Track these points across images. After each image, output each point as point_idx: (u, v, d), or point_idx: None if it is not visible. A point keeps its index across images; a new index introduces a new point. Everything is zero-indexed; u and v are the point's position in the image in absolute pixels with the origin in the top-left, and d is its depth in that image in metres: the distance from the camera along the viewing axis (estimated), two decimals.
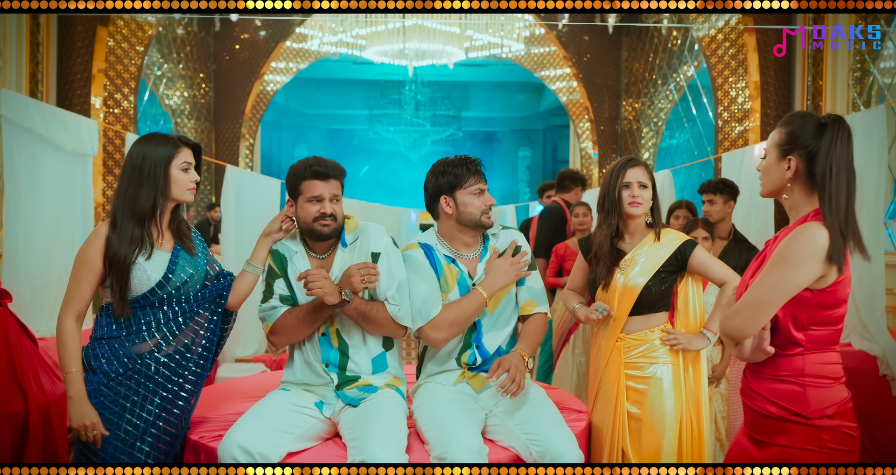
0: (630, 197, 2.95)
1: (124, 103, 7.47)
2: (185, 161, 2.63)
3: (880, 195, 4.38)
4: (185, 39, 9.68)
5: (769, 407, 2.11)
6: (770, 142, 2.21)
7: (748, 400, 2.18)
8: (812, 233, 2.01)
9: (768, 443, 2.12)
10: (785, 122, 2.20)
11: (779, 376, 2.11)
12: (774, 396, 2.10)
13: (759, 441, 2.15)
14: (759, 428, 2.15)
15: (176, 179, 2.61)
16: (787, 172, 2.14)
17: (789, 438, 2.09)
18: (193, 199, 2.70)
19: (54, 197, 4.52)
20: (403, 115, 16.09)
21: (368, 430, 2.47)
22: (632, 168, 2.97)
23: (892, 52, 6.01)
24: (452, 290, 2.88)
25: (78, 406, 2.50)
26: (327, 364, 2.79)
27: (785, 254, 2.02)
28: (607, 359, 2.95)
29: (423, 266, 2.87)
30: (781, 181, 2.16)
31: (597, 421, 2.96)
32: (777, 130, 2.20)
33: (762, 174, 2.23)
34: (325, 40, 10.26)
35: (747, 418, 2.21)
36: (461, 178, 2.85)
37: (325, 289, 2.60)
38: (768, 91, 6.99)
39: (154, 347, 2.60)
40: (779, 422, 2.10)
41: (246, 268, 2.80)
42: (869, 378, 4.33)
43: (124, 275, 2.54)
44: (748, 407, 2.19)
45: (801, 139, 2.13)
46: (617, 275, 2.94)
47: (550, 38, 10.44)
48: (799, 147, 2.13)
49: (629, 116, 10.54)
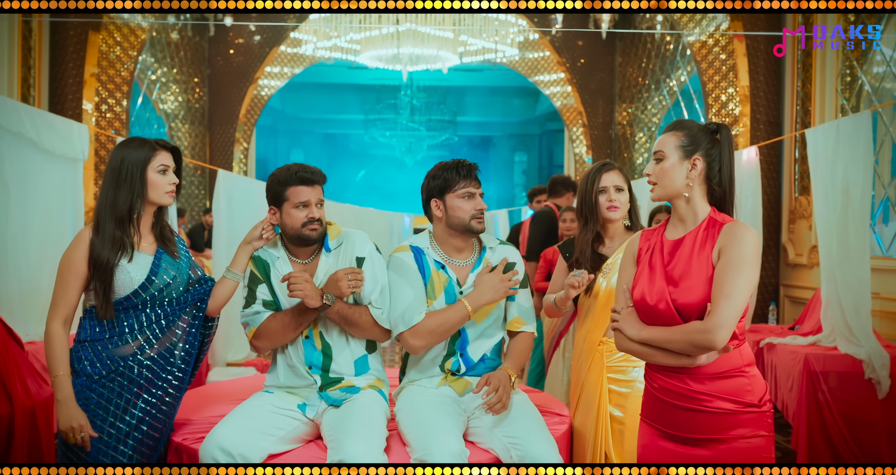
0: (607, 201, 2.97)
1: (117, 108, 7.49)
2: (162, 164, 2.66)
3: (866, 199, 4.41)
4: (179, 44, 9.70)
5: (723, 404, 2.12)
6: (668, 145, 2.23)
7: (691, 403, 2.15)
8: (752, 234, 2.12)
9: (717, 439, 2.14)
10: (676, 127, 2.26)
11: (724, 373, 2.13)
12: (726, 393, 2.13)
13: (703, 439, 2.15)
14: (707, 427, 2.15)
15: (153, 182, 2.64)
16: (691, 172, 2.20)
17: (744, 429, 2.13)
18: (173, 201, 2.72)
19: (44, 201, 4.54)
20: (399, 119, 16.10)
21: (347, 430, 2.50)
22: (606, 172, 3.00)
23: (881, 59, 6.04)
24: (438, 297, 2.86)
25: (66, 408, 2.52)
26: (310, 366, 2.81)
27: (743, 256, 2.08)
28: (589, 362, 2.97)
29: (411, 270, 2.86)
30: (683, 182, 2.22)
31: (579, 424, 2.98)
32: (672, 134, 2.25)
33: (660, 177, 2.24)
34: (319, 45, 10.30)
35: (685, 421, 2.18)
36: (451, 182, 2.83)
37: (306, 292, 2.63)
38: (758, 96, 7.02)
39: (137, 350, 2.62)
40: (733, 417, 2.12)
41: (226, 275, 2.82)
42: (855, 381, 4.35)
43: (108, 278, 2.58)
44: (689, 409, 2.16)
45: (701, 141, 2.22)
46: (599, 279, 2.97)
47: (544, 42, 10.47)
48: (700, 148, 2.21)
49: (623, 121, 10.57)
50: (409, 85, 15.22)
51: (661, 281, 2.20)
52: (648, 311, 2.21)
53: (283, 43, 10.37)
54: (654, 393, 2.26)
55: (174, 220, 5.69)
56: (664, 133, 2.27)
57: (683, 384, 2.16)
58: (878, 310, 5.03)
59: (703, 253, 2.16)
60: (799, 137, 6.57)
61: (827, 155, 4.65)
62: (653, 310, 2.19)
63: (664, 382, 2.20)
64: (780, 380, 4.77)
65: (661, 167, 2.23)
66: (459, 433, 2.59)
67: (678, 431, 2.19)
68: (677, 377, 2.17)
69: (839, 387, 4.42)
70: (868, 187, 4.42)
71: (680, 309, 2.14)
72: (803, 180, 6.51)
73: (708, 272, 2.13)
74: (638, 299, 2.24)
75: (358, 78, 16.01)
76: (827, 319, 4.78)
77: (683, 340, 2.09)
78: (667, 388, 2.19)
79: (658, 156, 2.24)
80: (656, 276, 2.22)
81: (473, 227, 2.85)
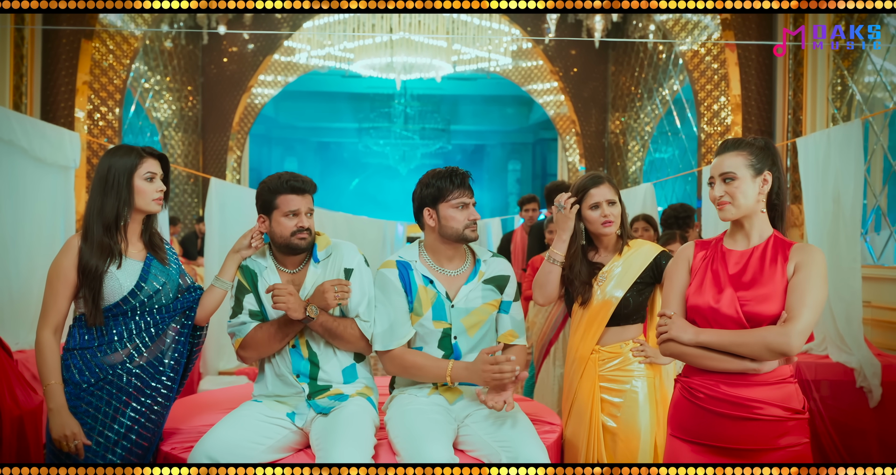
0: (602, 217, 2.91)
1: (109, 116, 7.48)
2: (148, 171, 2.66)
3: (857, 208, 4.42)
4: (172, 52, 9.71)
5: (775, 411, 2.17)
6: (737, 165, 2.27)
7: (743, 411, 2.17)
8: (823, 255, 2.20)
9: (767, 449, 2.17)
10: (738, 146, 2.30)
11: (775, 380, 2.19)
12: (777, 400, 2.17)
13: (752, 451, 2.18)
14: (758, 436, 2.17)
15: (140, 190, 2.64)
16: (763, 188, 2.26)
17: (791, 437, 2.18)
18: (161, 209, 2.72)
19: (35, 209, 4.52)
20: (393, 128, 16.10)
21: (334, 437, 2.49)
22: (596, 187, 2.93)
23: (872, 68, 6.08)
24: (426, 313, 2.81)
25: (58, 417, 2.51)
26: (298, 374, 2.80)
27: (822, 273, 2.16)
28: (582, 371, 2.95)
29: (393, 288, 2.81)
30: (755, 199, 2.27)
31: (570, 434, 2.97)
32: (737, 153, 2.28)
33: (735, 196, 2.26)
34: (312, 54, 10.32)
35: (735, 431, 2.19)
36: (444, 191, 2.79)
37: (288, 304, 2.63)
38: (750, 105, 7.05)
39: (126, 358, 2.61)
40: (782, 424, 2.17)
41: (214, 283, 2.81)
42: (846, 390, 4.35)
43: (97, 284, 2.57)
44: (740, 418, 2.18)
45: (766, 158, 2.28)
46: (595, 288, 2.94)
47: (537, 51, 10.50)
48: (766, 165, 2.27)
49: (616, 130, 10.60)
50: (402, 93, 15.24)
51: (728, 287, 2.24)
52: (711, 315, 2.23)
53: (277, 51, 10.39)
54: (696, 404, 2.25)
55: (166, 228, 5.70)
56: (725, 154, 2.30)
57: (736, 391, 2.18)
58: (869, 319, 5.03)
59: (775, 266, 2.22)
60: (791, 146, 6.59)
61: (818, 164, 4.66)
62: (715, 314, 2.22)
63: (713, 391, 2.21)
64: None
65: (734, 187, 2.26)
66: (449, 442, 2.58)
67: (722, 442, 2.20)
68: (729, 385, 2.19)
69: (831, 396, 4.42)
70: (859, 196, 4.43)
71: (748, 315, 2.18)
72: (795, 189, 6.53)
73: (783, 284, 2.18)
74: (701, 304, 2.26)
75: (352, 86, 16.03)
76: (818, 328, 4.78)
77: (758, 343, 2.12)
78: (716, 397, 2.21)
79: (729, 176, 2.27)
80: (722, 282, 2.25)
81: (467, 236, 2.81)
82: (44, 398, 2.59)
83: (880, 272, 5.48)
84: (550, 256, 3.00)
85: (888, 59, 5.95)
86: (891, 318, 5.14)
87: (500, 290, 2.92)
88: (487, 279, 2.89)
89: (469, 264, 2.92)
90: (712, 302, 2.23)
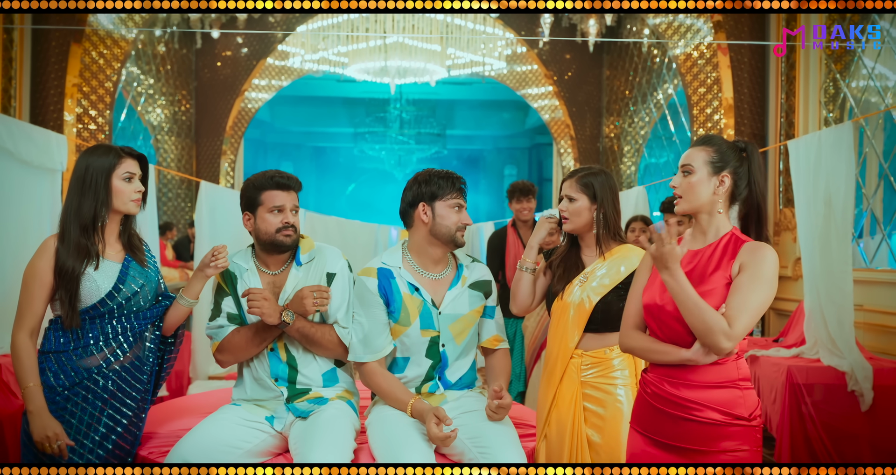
0: (561, 211, 2.90)
1: (99, 119, 7.45)
2: (127, 171, 2.62)
3: (848, 211, 4.40)
4: (165, 56, 9.68)
5: (713, 414, 2.13)
6: (697, 159, 2.25)
7: (681, 411, 2.17)
8: (773, 254, 2.15)
9: (703, 451, 2.15)
10: (706, 142, 2.28)
11: (718, 383, 2.15)
12: (716, 403, 2.14)
13: (690, 450, 2.16)
14: (695, 437, 2.16)
15: (118, 190, 2.61)
16: (719, 188, 2.24)
17: (732, 442, 2.14)
18: (139, 210, 2.68)
19: (21, 212, 4.49)
20: (388, 132, 16.08)
21: (312, 441, 2.45)
22: (565, 180, 2.92)
23: (865, 72, 6.06)
24: (413, 323, 2.75)
25: (39, 419, 2.48)
26: (276, 378, 2.76)
27: (764, 274, 2.11)
28: (562, 374, 2.82)
29: (371, 298, 2.75)
30: (709, 197, 2.24)
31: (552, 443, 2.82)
32: (702, 148, 2.27)
33: (686, 191, 2.26)
34: (307, 58, 10.29)
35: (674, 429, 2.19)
36: (444, 190, 2.77)
37: (263, 309, 2.59)
38: (742, 108, 7.03)
39: (103, 362, 2.58)
40: (721, 428, 2.14)
41: (178, 300, 2.76)
42: (838, 394, 4.33)
43: (73, 286, 2.54)
44: (679, 418, 2.17)
45: (730, 159, 2.25)
46: (576, 287, 2.87)
47: (532, 56, 10.49)
48: (728, 166, 2.25)
49: (610, 134, 10.58)
50: (398, 98, 15.21)
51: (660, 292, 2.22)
52: (657, 313, 2.22)
53: (271, 55, 10.36)
54: (647, 399, 2.26)
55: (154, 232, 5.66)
56: (693, 147, 2.29)
57: (676, 391, 2.17)
58: (861, 323, 5.01)
59: (721, 264, 2.19)
60: (783, 149, 6.58)
61: (809, 166, 4.64)
62: (660, 311, 2.21)
63: (657, 389, 2.21)
64: (764, 393, 4.74)
65: (688, 181, 2.25)
66: (429, 447, 2.54)
67: (667, 439, 2.20)
68: (671, 384, 2.18)
69: (822, 400, 4.40)
70: (850, 199, 4.41)
71: None
72: (788, 192, 6.51)
73: (724, 281, 2.16)
74: (647, 302, 2.26)
75: (347, 91, 16.00)
76: (810, 331, 4.76)
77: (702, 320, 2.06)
78: (659, 395, 2.20)
79: (686, 169, 2.26)
80: None
81: (457, 239, 2.79)
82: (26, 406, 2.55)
83: (872, 275, 5.46)
84: (521, 264, 2.97)
85: (880, 63, 5.93)
86: (882, 322, 5.12)
87: (485, 296, 2.89)
88: (472, 284, 2.86)
89: (451, 269, 2.89)
90: (658, 299, 2.22)
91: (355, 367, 2.80)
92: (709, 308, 2.08)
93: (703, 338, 2.08)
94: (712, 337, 2.06)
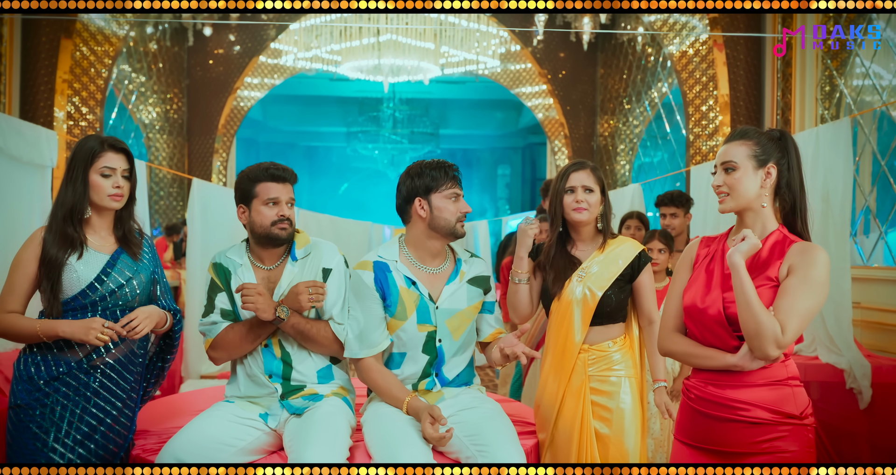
0: (574, 202, 2.81)
1: (90, 116, 7.38)
2: (105, 166, 2.57)
3: (846, 208, 4.37)
4: (157, 54, 9.61)
5: (761, 413, 2.06)
6: (739, 154, 2.16)
7: (726, 412, 2.10)
8: (826, 255, 2.06)
9: (752, 453, 2.08)
10: (745, 135, 2.19)
11: (765, 383, 2.08)
12: (764, 402, 2.07)
13: (738, 454, 2.09)
14: (742, 439, 2.08)
15: (94, 184, 2.56)
16: (766, 181, 2.15)
17: (783, 442, 2.06)
18: (118, 205, 2.61)
19: (11, 208, 4.43)
20: (382, 132, 16.02)
21: (306, 438, 2.40)
22: (575, 172, 2.84)
23: (861, 71, 6.04)
24: (410, 317, 2.70)
25: (69, 326, 2.42)
26: (270, 375, 2.71)
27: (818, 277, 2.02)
28: (570, 372, 2.79)
29: (368, 292, 2.70)
30: (757, 192, 2.16)
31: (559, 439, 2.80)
32: (742, 143, 2.18)
33: (733, 187, 2.16)
34: (299, 56, 10.22)
35: (721, 433, 2.12)
36: (438, 181, 2.70)
37: (257, 305, 2.55)
38: (738, 106, 7.01)
39: (85, 357, 2.52)
40: (771, 428, 2.06)
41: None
42: (836, 391, 4.30)
43: (55, 275, 2.50)
44: (725, 420, 2.10)
45: (772, 150, 2.17)
46: (575, 283, 2.84)
47: (525, 54, 10.45)
48: (772, 157, 2.16)
49: (605, 133, 10.55)
50: (391, 97, 15.16)
51: (717, 288, 2.14)
52: (697, 316, 2.15)
53: (263, 53, 10.30)
54: (690, 405, 2.19)
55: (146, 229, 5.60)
56: (729, 142, 2.20)
57: (721, 392, 2.10)
58: (859, 320, 4.98)
59: (767, 265, 2.10)
60: None
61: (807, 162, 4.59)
62: (701, 315, 2.13)
63: (701, 392, 2.14)
64: None
65: (733, 178, 2.15)
66: (426, 445, 2.49)
67: (713, 445, 2.13)
68: (717, 386, 2.11)
69: (821, 398, 4.37)
70: (848, 195, 4.38)
71: (731, 317, 2.08)
72: None
73: (771, 283, 2.07)
74: (687, 304, 2.18)
75: (340, 90, 15.94)
76: (808, 329, 4.73)
77: (756, 321, 1.97)
78: (703, 398, 2.14)
79: (729, 166, 2.17)
80: (713, 283, 2.16)
81: (457, 231, 2.73)
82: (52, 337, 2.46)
83: (870, 273, 5.44)
84: (513, 276, 2.92)
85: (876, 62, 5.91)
86: (881, 319, 5.09)
87: (484, 292, 2.85)
88: (471, 279, 2.82)
89: (450, 263, 2.83)
90: (699, 302, 2.15)
91: (351, 363, 2.75)
92: (766, 311, 1.99)
93: (752, 340, 2.00)
94: (762, 341, 1.98)
